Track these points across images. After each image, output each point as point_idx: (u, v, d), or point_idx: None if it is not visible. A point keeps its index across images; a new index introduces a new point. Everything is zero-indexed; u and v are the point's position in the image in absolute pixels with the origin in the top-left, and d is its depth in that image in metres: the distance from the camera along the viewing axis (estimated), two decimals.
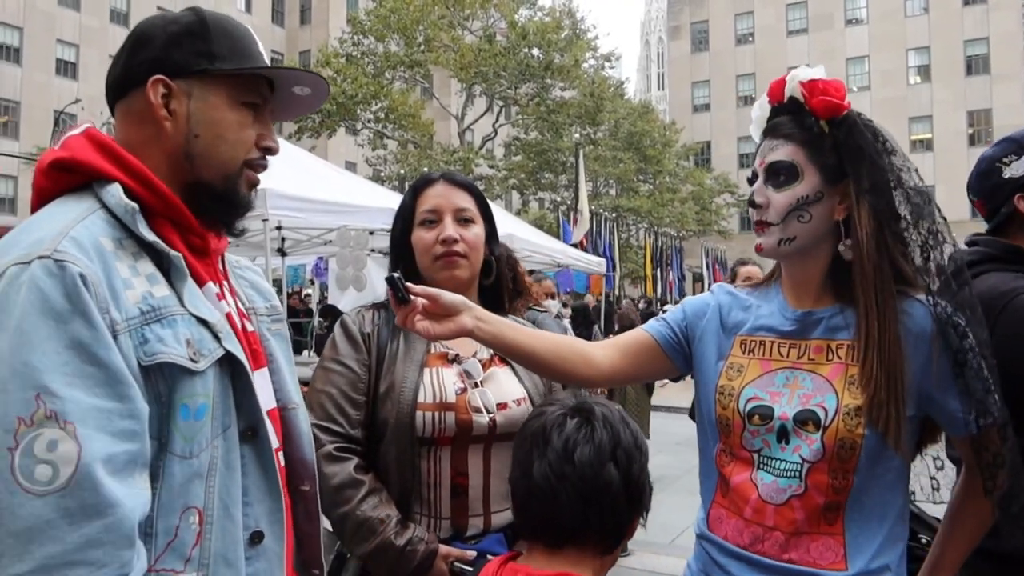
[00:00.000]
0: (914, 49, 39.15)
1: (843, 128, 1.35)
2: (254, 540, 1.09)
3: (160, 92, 1.10)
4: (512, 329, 1.42)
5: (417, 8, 26.73)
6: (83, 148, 1.07)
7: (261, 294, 1.32)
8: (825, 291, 1.39)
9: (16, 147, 30.14)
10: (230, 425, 1.08)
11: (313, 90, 1.23)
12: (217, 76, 1.12)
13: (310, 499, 1.28)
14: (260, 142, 1.17)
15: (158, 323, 1.00)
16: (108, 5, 35.89)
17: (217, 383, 1.06)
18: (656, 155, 33.46)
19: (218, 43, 1.13)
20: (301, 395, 1.33)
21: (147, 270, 1.03)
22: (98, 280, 0.95)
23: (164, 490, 1.00)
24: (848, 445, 1.28)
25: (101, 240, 1.00)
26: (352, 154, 35.96)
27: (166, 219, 1.09)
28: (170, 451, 1.00)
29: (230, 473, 1.07)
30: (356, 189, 7.61)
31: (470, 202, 1.74)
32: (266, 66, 1.17)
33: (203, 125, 1.12)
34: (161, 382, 1.00)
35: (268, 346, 1.27)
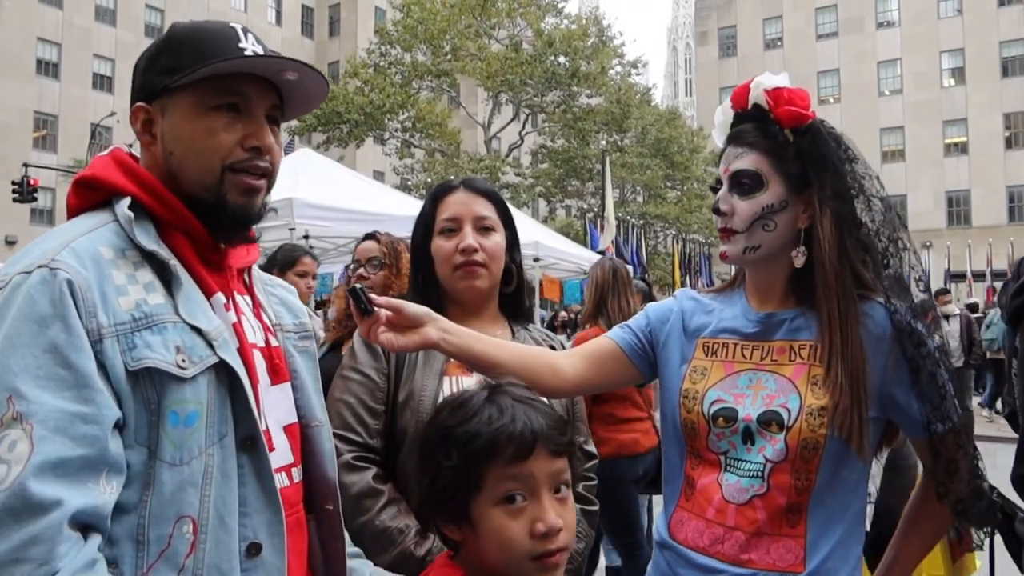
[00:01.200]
0: (948, 51, 38.46)
1: (807, 137, 1.35)
2: (251, 552, 1.08)
3: (141, 119, 1.15)
4: (478, 340, 1.41)
5: (444, 18, 26.90)
6: (105, 167, 1.13)
7: (291, 311, 1.33)
8: (788, 294, 1.40)
9: (54, 160, 30.87)
10: (227, 434, 1.07)
11: (303, 75, 1.17)
12: (180, 89, 1.12)
13: (334, 518, 1.27)
14: (245, 143, 1.14)
15: (148, 330, 1.02)
16: (143, 20, 36.63)
17: (212, 391, 1.06)
18: (684, 161, 33.29)
19: (180, 55, 1.12)
20: (326, 413, 1.33)
21: (146, 278, 1.06)
22: (87, 286, 0.99)
23: (155, 498, 1.00)
24: (811, 445, 1.29)
25: (101, 249, 1.04)
26: (380, 163, 36.24)
27: (178, 230, 1.12)
28: (159, 458, 1.00)
29: (226, 482, 1.06)
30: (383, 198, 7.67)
31: (490, 210, 1.73)
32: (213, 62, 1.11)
33: (173, 141, 1.13)
34: (150, 388, 1.01)
35: (293, 362, 1.27)
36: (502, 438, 1.07)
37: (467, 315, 1.73)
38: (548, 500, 1.08)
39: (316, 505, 1.26)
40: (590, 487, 1.82)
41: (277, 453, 1.18)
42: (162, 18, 37.28)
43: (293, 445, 1.23)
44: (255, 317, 1.23)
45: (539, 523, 1.06)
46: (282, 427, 1.22)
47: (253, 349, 1.18)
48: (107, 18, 35.50)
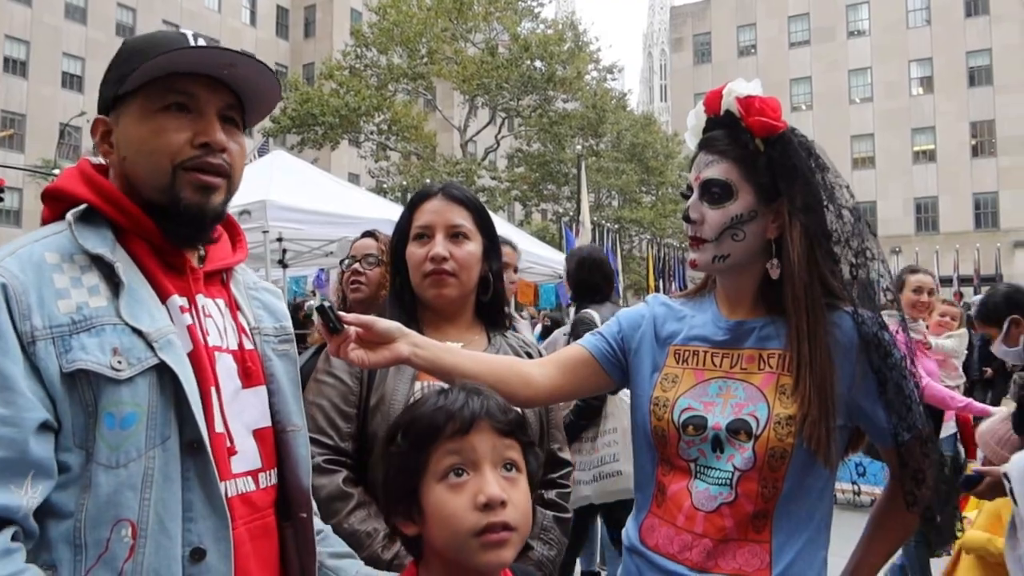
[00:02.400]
0: (916, 60, 39.19)
1: (778, 147, 1.35)
2: (195, 557, 1.06)
3: (100, 131, 1.18)
4: (449, 353, 1.41)
5: (420, 21, 26.87)
6: (69, 178, 1.16)
7: (273, 315, 1.33)
8: (758, 303, 1.41)
9: (22, 159, 30.31)
10: (170, 436, 1.06)
11: (245, 67, 1.16)
12: (129, 95, 1.14)
13: (308, 527, 1.26)
14: (195, 140, 1.14)
15: (86, 332, 1.02)
16: (114, 19, 36.16)
17: (154, 393, 1.05)
18: (659, 167, 33.52)
19: (130, 64, 1.13)
20: (304, 418, 1.31)
21: (91, 282, 1.07)
22: (23, 290, 1.00)
23: (91, 501, 0.99)
24: (779, 454, 1.30)
25: (46, 255, 1.06)
26: (355, 166, 36.07)
27: (137, 236, 1.13)
28: (95, 460, 1.00)
29: (168, 486, 1.04)
30: (357, 200, 7.63)
31: (466, 218, 1.72)
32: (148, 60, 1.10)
33: (125, 146, 1.15)
34: (87, 390, 1.01)
35: (270, 366, 1.26)
36: (441, 416, 1.08)
37: (442, 321, 1.73)
38: (491, 474, 1.06)
39: (291, 513, 1.24)
40: (563, 494, 1.81)
41: (241, 457, 1.16)
42: (134, 17, 36.83)
43: (263, 450, 1.21)
44: (231, 319, 1.22)
45: (480, 494, 1.04)
46: (251, 431, 1.20)
47: (216, 352, 1.16)
48: (77, 16, 34.98)
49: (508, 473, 1.09)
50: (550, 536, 1.72)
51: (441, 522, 1.05)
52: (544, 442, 1.77)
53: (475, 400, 1.11)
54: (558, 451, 1.83)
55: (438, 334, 1.69)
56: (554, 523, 1.74)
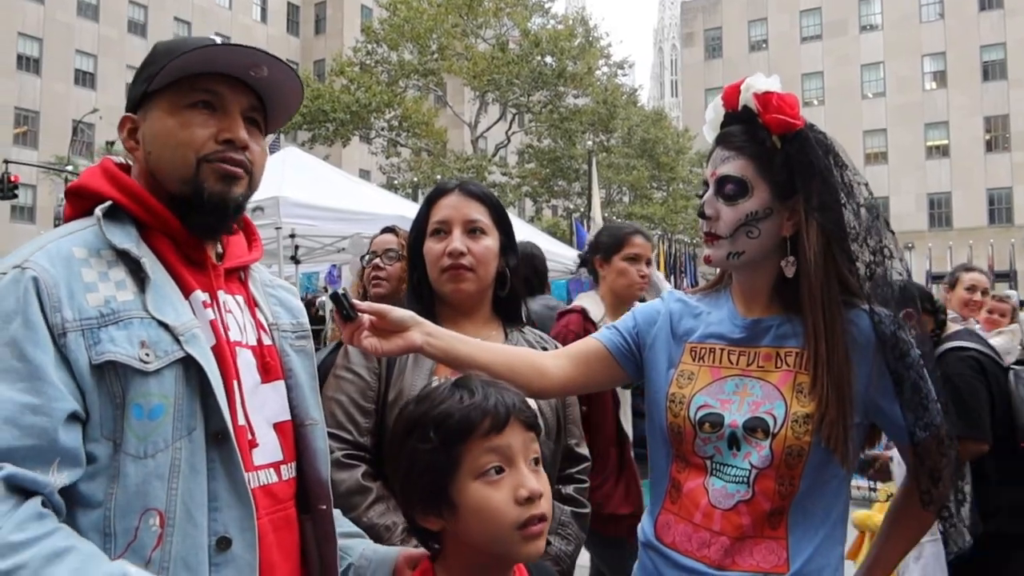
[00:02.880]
0: (930, 55, 38.86)
1: (795, 144, 1.34)
2: (221, 546, 1.08)
3: (127, 128, 1.21)
4: (463, 343, 1.42)
5: (431, 17, 26.85)
6: (92, 176, 1.19)
7: (289, 311, 1.35)
8: (774, 300, 1.41)
9: (35, 156, 30.50)
10: (196, 428, 1.08)
11: (273, 69, 1.19)
12: (156, 93, 1.18)
13: (328, 520, 1.27)
14: (219, 136, 1.18)
15: (114, 325, 1.05)
16: (126, 16, 36.32)
17: (180, 385, 1.07)
18: (669, 162, 33.39)
19: (159, 63, 1.16)
20: (321, 413, 1.33)
21: (118, 276, 1.09)
22: (53, 283, 1.03)
23: (120, 490, 1.01)
24: (796, 452, 1.30)
25: (74, 250, 1.09)
26: (366, 162, 36.13)
27: (160, 232, 1.16)
28: (124, 450, 1.02)
29: (195, 476, 1.07)
30: (369, 197, 7.66)
31: (483, 213, 1.74)
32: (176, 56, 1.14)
33: (151, 140, 1.19)
34: (116, 382, 1.03)
35: (288, 361, 1.29)
36: (477, 414, 1.09)
37: (459, 316, 1.75)
38: (526, 468, 1.11)
39: (310, 505, 1.26)
40: (581, 490, 1.82)
41: (262, 449, 1.19)
42: (145, 14, 36.97)
43: (284, 442, 1.24)
44: (249, 316, 1.25)
45: (521, 488, 1.08)
46: (271, 424, 1.22)
47: (237, 347, 1.19)
48: (89, 13, 35.15)
49: (535, 466, 1.13)
50: (568, 531, 1.73)
51: (482, 517, 1.08)
52: (561, 437, 1.77)
53: (503, 395, 1.13)
54: (575, 446, 1.84)
55: (456, 328, 1.68)
56: (572, 518, 1.75)
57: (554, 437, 1.72)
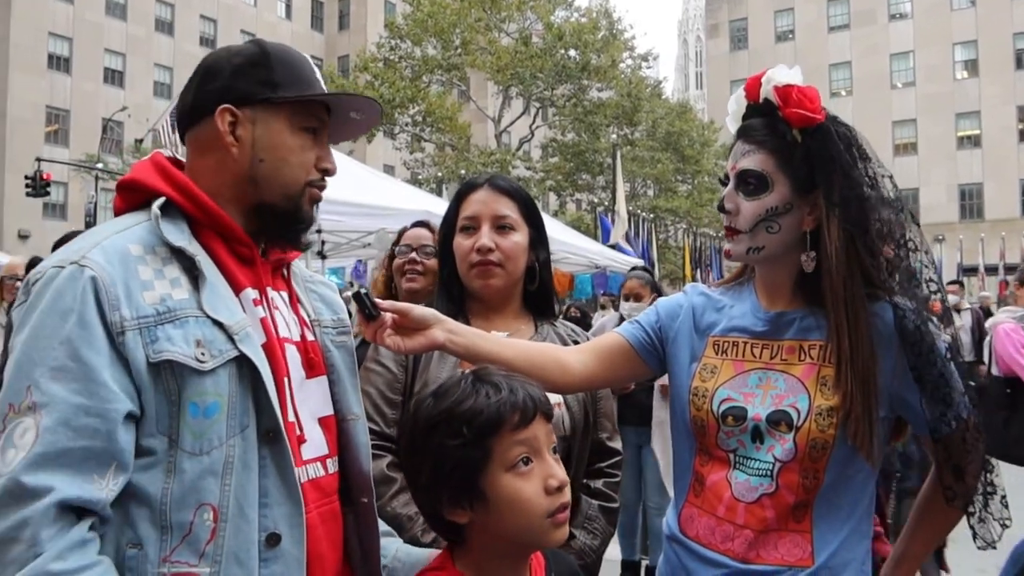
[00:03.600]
0: (961, 43, 38.12)
1: (816, 138, 1.33)
2: (271, 542, 1.10)
3: (227, 120, 1.18)
4: (484, 339, 1.43)
5: (454, 12, 26.86)
6: (144, 170, 1.19)
7: (330, 307, 1.37)
8: (797, 294, 1.40)
9: (66, 154, 31.05)
10: (248, 425, 1.10)
11: (366, 114, 1.30)
12: (279, 103, 1.19)
13: (370, 512, 1.30)
14: (319, 164, 1.23)
15: (171, 323, 1.06)
16: (153, 14, 36.77)
17: (234, 384, 1.09)
18: (694, 155, 33.14)
19: (279, 72, 1.19)
20: (362, 407, 1.36)
21: (173, 274, 1.11)
22: (112, 282, 1.04)
23: (176, 485, 1.04)
24: (820, 445, 1.29)
25: (130, 247, 1.09)
26: (390, 157, 36.29)
27: (211, 229, 1.17)
28: (180, 447, 1.04)
29: (247, 473, 1.09)
30: (394, 192, 7.69)
31: (512, 209, 1.74)
32: (324, 92, 1.23)
33: (267, 150, 1.19)
34: (171, 380, 1.05)
35: (329, 357, 1.31)
36: (507, 408, 1.12)
37: (489, 311, 1.76)
38: (551, 458, 1.15)
39: (352, 498, 1.29)
40: (611, 484, 1.82)
41: (310, 444, 1.21)
42: (172, 12, 37.40)
43: (328, 437, 1.26)
44: (292, 312, 1.27)
45: (551, 479, 1.12)
46: (316, 419, 1.25)
47: (285, 343, 1.21)
48: (117, 12, 35.64)
49: (555, 455, 1.16)
50: (594, 526, 1.72)
51: (515, 508, 1.11)
52: (589, 431, 1.77)
53: (527, 388, 1.16)
54: (607, 440, 1.83)
55: (485, 324, 1.72)
56: (599, 512, 1.75)
57: (581, 430, 1.72)
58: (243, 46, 1.23)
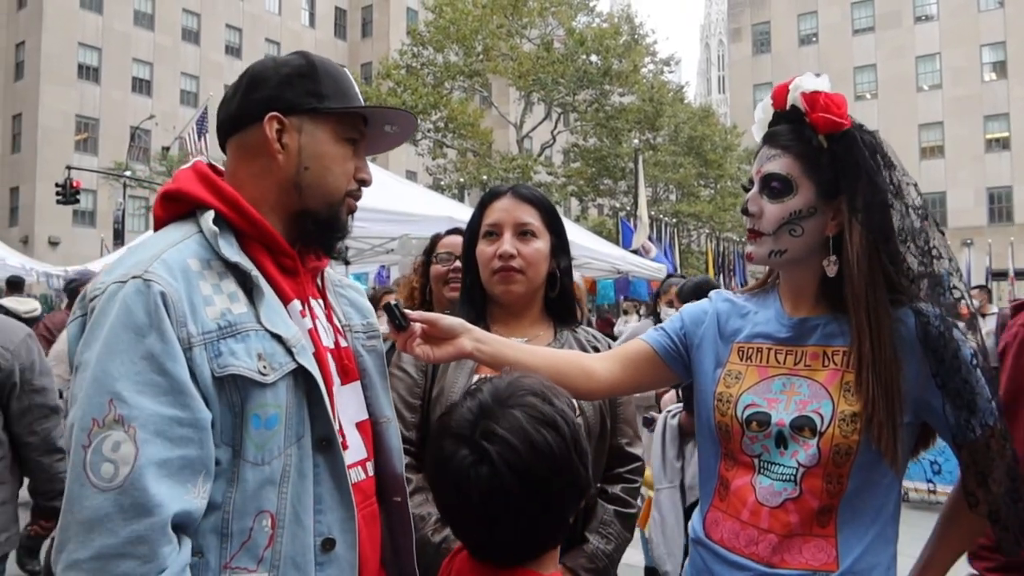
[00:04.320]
0: (988, 45, 37.56)
1: (842, 144, 1.34)
2: (326, 547, 1.13)
3: (275, 127, 1.20)
4: (510, 348, 1.45)
5: (476, 18, 26.98)
6: (188, 180, 1.20)
7: (359, 312, 1.40)
8: (820, 299, 1.40)
9: (95, 162, 31.57)
10: (304, 435, 1.13)
11: (401, 128, 1.33)
12: (325, 114, 1.22)
13: (403, 511, 1.33)
14: (357, 174, 1.27)
15: (232, 338, 1.09)
16: (180, 24, 37.32)
17: (291, 395, 1.12)
18: (717, 159, 32.97)
19: (325, 84, 1.22)
20: (393, 410, 1.38)
21: (230, 288, 1.12)
22: (179, 298, 1.05)
23: (238, 494, 1.06)
24: (844, 451, 1.29)
25: (189, 261, 1.11)
26: (413, 163, 36.48)
27: (257, 241, 1.18)
28: (243, 458, 1.07)
29: (302, 481, 1.12)
30: (416, 198, 7.73)
31: (534, 216, 1.77)
32: (367, 105, 1.26)
33: (312, 158, 1.21)
34: (235, 392, 1.07)
35: (361, 362, 1.34)
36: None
37: (510, 317, 1.80)
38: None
39: (386, 498, 1.32)
40: (630, 490, 1.83)
41: (351, 450, 1.24)
42: (198, 22, 37.93)
43: (366, 441, 1.30)
44: (326, 319, 1.30)
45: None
46: (354, 424, 1.28)
47: (326, 352, 1.23)
48: (145, 23, 36.21)
49: None
50: (609, 531, 1.73)
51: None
52: (606, 436, 1.78)
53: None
54: (626, 445, 1.84)
55: (506, 329, 1.75)
56: (615, 517, 1.75)
57: (596, 436, 1.73)
58: (290, 57, 1.26)
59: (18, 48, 33.58)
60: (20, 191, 32.71)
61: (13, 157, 33.35)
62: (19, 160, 32.97)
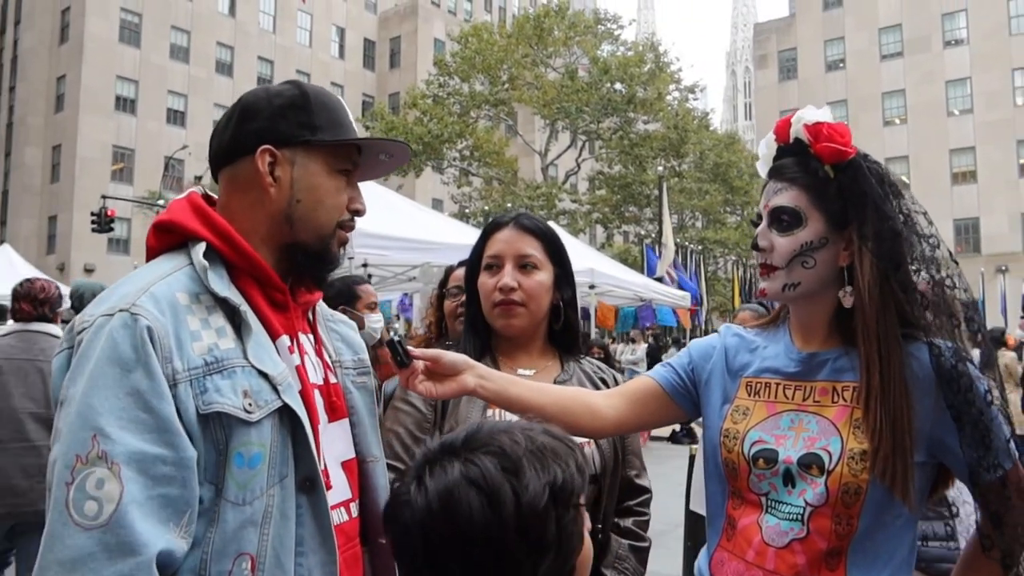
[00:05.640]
0: (1021, 69, 37.12)
1: (848, 173, 1.32)
2: None
3: (267, 160, 1.18)
4: (515, 385, 1.43)
5: (501, 48, 27.34)
6: (181, 211, 1.18)
7: (351, 347, 1.37)
8: (832, 333, 1.37)
9: (131, 191, 32.30)
10: (287, 475, 1.10)
11: (395, 156, 1.32)
12: (318, 146, 1.20)
13: (387, 552, 1.28)
14: (350, 205, 1.25)
15: (219, 374, 1.06)
16: (214, 57, 38.26)
17: (275, 433, 1.09)
18: (743, 186, 32.82)
19: (318, 115, 1.21)
20: (382, 449, 1.36)
21: (218, 323, 1.10)
22: (165, 332, 1.03)
23: (218, 535, 1.03)
24: (852, 490, 1.25)
25: (178, 295, 1.08)
26: (438, 191, 36.81)
27: (248, 275, 1.17)
28: (224, 497, 1.04)
29: (284, 522, 1.09)
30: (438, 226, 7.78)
31: (536, 248, 1.75)
32: (361, 138, 1.25)
33: (305, 191, 1.20)
34: (219, 430, 1.04)
35: (351, 399, 1.31)
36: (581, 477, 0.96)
37: (514, 349, 1.77)
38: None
39: (371, 539, 1.28)
40: (641, 523, 1.80)
41: (335, 490, 1.20)
42: (232, 54, 38.86)
43: (351, 480, 1.26)
44: (316, 355, 1.27)
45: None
46: (340, 463, 1.25)
47: (313, 389, 1.21)
48: (181, 56, 37.18)
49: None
50: (624, 566, 1.70)
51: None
52: (619, 468, 1.76)
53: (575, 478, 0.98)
54: (635, 478, 1.82)
55: (511, 361, 1.73)
56: (630, 552, 1.73)
57: (612, 469, 1.71)
58: (282, 87, 1.24)
59: (59, 81, 34.62)
60: (58, 220, 33.52)
61: (52, 187, 34.23)
62: (58, 190, 33.83)
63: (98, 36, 33.76)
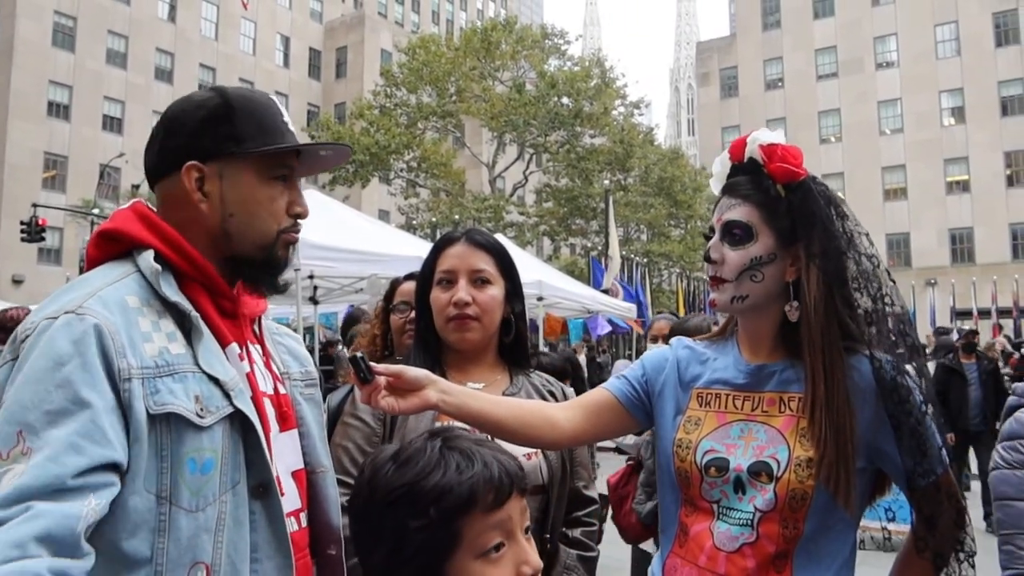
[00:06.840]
0: (947, 91, 38.88)
1: (798, 193, 1.39)
2: None
3: (194, 177, 1.16)
4: (475, 399, 1.44)
5: (448, 60, 27.40)
6: (126, 220, 1.16)
7: (297, 360, 1.37)
8: (778, 345, 1.43)
9: (63, 200, 31.22)
10: (239, 481, 1.10)
11: (335, 152, 1.31)
12: (245, 156, 1.18)
13: (336, 564, 1.29)
14: (291, 209, 1.23)
15: (170, 377, 1.05)
16: (153, 63, 37.38)
17: (227, 439, 1.08)
18: (687, 200, 33.51)
19: (242, 124, 1.18)
20: (331, 460, 1.35)
21: (168, 328, 1.09)
22: (116, 329, 1.02)
23: (171, 544, 1.01)
24: (799, 496, 1.31)
25: (127, 298, 1.07)
26: (385, 203, 36.56)
27: (197, 283, 1.16)
28: (176, 504, 1.02)
29: (238, 529, 1.08)
30: (386, 238, 7.72)
31: (488, 263, 1.76)
32: (289, 145, 1.21)
33: (236, 204, 1.18)
34: (165, 434, 1.02)
35: (299, 410, 1.31)
36: (480, 486, 0.98)
37: (465, 362, 1.77)
38: (524, 540, 1.03)
39: (319, 550, 1.28)
40: (589, 533, 1.82)
41: (287, 498, 1.20)
42: (172, 61, 38.01)
43: (300, 490, 1.26)
44: (264, 366, 1.27)
45: (524, 565, 1.00)
46: (290, 472, 1.25)
47: (264, 397, 1.21)
48: (118, 61, 36.22)
49: (527, 535, 1.05)
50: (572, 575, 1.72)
51: None
52: (567, 479, 1.77)
53: (502, 460, 1.03)
54: (583, 488, 1.84)
55: (461, 375, 1.73)
56: (578, 562, 1.75)
57: (559, 479, 1.72)
58: (206, 96, 1.21)
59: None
60: None
61: None
62: None
63: (29, 39, 32.69)
